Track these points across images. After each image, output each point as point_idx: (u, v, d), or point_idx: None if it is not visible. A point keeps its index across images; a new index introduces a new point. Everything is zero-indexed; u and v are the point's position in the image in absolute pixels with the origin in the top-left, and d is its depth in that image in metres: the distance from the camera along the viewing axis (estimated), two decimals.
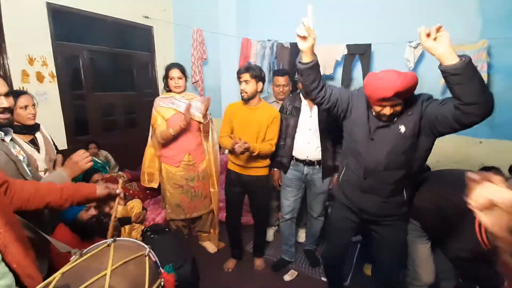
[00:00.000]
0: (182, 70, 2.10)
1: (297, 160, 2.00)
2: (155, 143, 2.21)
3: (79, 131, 3.19)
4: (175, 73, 2.07)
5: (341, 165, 1.54)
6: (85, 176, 2.32)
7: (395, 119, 1.25)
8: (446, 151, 2.77)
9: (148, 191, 2.91)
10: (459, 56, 1.01)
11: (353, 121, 1.37)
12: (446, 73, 1.02)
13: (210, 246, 2.45)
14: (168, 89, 2.14)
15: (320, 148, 1.93)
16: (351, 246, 2.35)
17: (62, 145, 2.98)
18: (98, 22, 3.23)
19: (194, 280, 1.93)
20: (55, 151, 2.27)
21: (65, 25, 2.98)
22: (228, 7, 3.48)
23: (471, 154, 2.68)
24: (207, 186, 2.31)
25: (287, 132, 1.99)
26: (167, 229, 2.09)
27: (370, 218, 1.45)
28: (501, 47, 2.40)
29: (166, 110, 2.09)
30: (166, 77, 2.12)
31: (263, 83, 1.92)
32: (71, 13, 2.98)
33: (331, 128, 1.84)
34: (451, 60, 1.00)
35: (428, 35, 1.02)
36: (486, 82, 2.38)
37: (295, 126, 1.95)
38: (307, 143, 1.94)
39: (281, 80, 2.23)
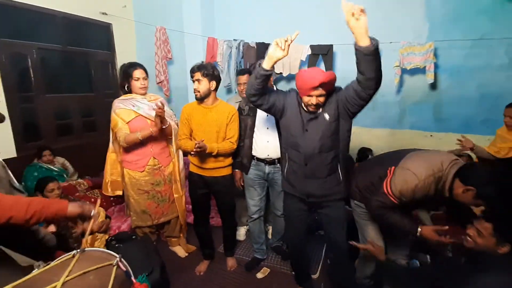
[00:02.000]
0: (145, 70, 2.01)
1: (258, 159, 2.04)
2: (116, 147, 2.09)
3: (29, 136, 2.92)
4: (140, 73, 1.96)
5: (284, 159, 1.72)
6: (39, 185, 2.13)
7: (320, 110, 1.50)
8: (401, 144, 3.01)
9: (112, 198, 2.75)
10: (370, 38, 1.21)
11: (288, 118, 1.59)
12: (361, 52, 1.23)
13: (180, 251, 2.39)
14: (127, 90, 2.01)
15: (279, 146, 1.89)
16: (320, 240, 2.45)
17: (11, 152, 2.71)
18: (50, 19, 2.98)
19: (164, 287, 1.87)
20: None
21: (11, 22, 2.70)
22: (192, 5, 3.41)
23: (422, 146, 2.91)
24: (174, 190, 2.22)
25: (245, 132, 2.02)
26: (133, 237, 2.00)
27: (315, 200, 1.65)
28: (446, 49, 2.66)
29: (126, 113, 1.96)
30: (127, 78, 1.97)
31: (217, 82, 1.89)
32: (18, 9, 2.71)
33: None
34: (365, 41, 1.20)
35: (353, 14, 1.18)
36: (432, 81, 2.63)
37: (253, 126, 2.00)
38: (267, 141, 1.99)
39: (243, 78, 2.22)
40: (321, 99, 1.45)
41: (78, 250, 0.89)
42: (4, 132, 2.66)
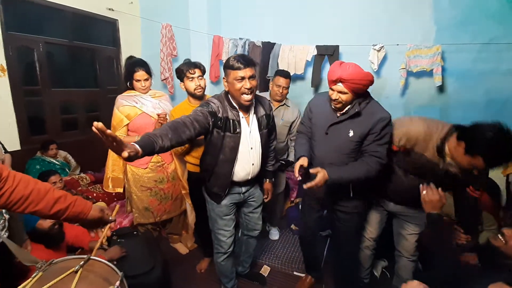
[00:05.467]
0: (148, 71, 1.99)
1: (234, 182, 1.60)
2: None
3: (34, 130, 2.93)
4: (141, 75, 1.96)
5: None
6: (41, 178, 2.14)
7: (345, 110, 1.43)
8: None
9: (114, 194, 2.75)
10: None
11: (314, 123, 1.58)
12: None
13: (182, 248, 2.39)
14: (131, 87, 2.02)
15: (261, 164, 1.64)
16: (321, 241, 2.44)
17: (15, 145, 2.72)
18: (57, 13, 2.99)
19: (165, 283, 1.87)
20: (3, 151, 2.06)
21: (19, 15, 2.72)
22: (198, 2, 3.41)
23: None
24: (177, 187, 2.23)
25: (219, 154, 1.48)
26: (135, 233, 2.00)
27: (327, 205, 1.67)
28: (453, 52, 2.63)
29: (130, 109, 1.96)
30: (130, 77, 1.98)
31: None
32: (26, 2, 2.72)
33: (269, 140, 1.71)
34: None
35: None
36: (440, 83, 2.61)
37: (236, 148, 1.48)
38: (252, 164, 1.56)
39: (284, 82, 2.21)
40: (344, 97, 1.37)
41: (82, 263, 0.86)
42: (8, 125, 2.68)
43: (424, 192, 1.28)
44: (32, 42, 2.83)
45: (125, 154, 0.89)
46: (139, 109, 1.98)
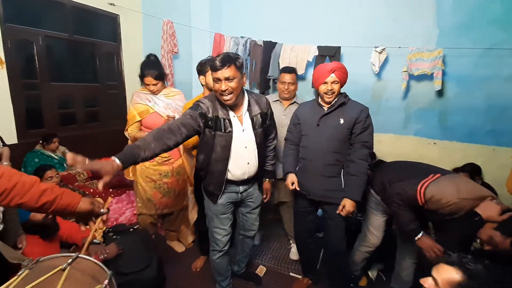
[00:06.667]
0: (157, 76, 1.97)
1: (230, 181, 1.59)
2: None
3: (32, 124, 2.90)
4: (149, 80, 1.98)
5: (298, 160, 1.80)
6: (38, 172, 2.12)
7: (333, 103, 1.61)
8: (404, 150, 2.99)
9: (111, 190, 2.74)
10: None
11: (303, 123, 1.73)
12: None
13: (178, 246, 2.39)
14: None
15: (258, 163, 1.62)
16: (318, 243, 2.44)
17: (12, 138, 2.70)
18: (58, 6, 2.97)
19: (160, 281, 1.86)
20: (1, 144, 2.05)
21: (18, 7, 2.69)
22: (200, 0, 3.39)
23: (425, 154, 2.90)
24: (181, 183, 2.25)
25: (211, 153, 1.49)
26: (131, 229, 1.99)
27: (315, 199, 1.70)
28: (455, 57, 2.62)
29: (143, 107, 2.02)
30: (142, 78, 2.01)
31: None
32: None
33: (266, 139, 1.70)
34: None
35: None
36: (440, 87, 2.60)
37: (228, 146, 1.48)
38: (247, 163, 1.56)
39: (288, 78, 2.09)
40: (336, 87, 1.56)
41: (70, 261, 0.84)
42: (6, 118, 2.65)
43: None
44: (31, 35, 2.80)
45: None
46: (151, 108, 2.03)
